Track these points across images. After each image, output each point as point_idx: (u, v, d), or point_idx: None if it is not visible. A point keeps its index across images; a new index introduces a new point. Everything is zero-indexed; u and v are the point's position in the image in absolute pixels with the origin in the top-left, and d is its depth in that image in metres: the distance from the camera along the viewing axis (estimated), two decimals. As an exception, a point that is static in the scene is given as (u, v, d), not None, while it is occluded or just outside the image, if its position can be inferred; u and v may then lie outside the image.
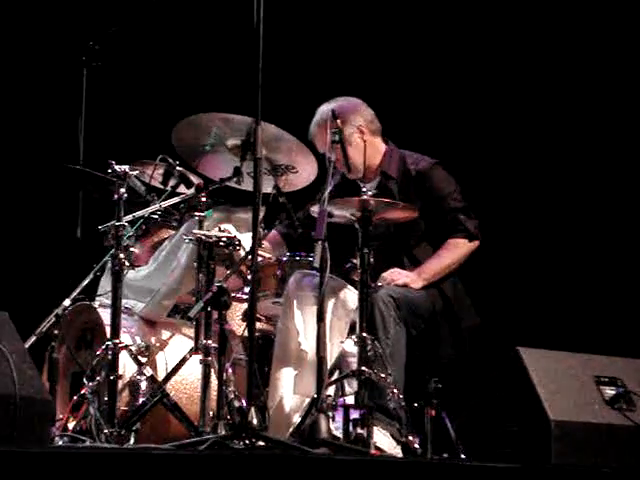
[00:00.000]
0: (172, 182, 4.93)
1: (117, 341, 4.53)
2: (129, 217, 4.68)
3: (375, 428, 4.39)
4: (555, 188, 6.15)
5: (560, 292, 6.02)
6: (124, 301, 4.68)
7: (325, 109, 5.05)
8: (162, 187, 4.97)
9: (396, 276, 4.93)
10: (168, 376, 4.66)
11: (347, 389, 4.65)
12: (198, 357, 4.55)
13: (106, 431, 4.39)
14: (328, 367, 4.49)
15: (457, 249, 5.01)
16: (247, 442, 3.91)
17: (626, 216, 6.02)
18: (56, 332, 4.72)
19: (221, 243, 4.61)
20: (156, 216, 5.13)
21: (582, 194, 6.11)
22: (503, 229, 5.85)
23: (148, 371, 4.67)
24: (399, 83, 6.19)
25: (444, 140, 5.83)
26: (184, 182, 4.88)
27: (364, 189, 4.57)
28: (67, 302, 4.77)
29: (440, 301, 4.98)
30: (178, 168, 4.90)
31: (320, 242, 4.32)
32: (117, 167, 4.63)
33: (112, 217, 4.61)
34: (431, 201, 5.04)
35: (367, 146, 5.03)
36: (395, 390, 4.45)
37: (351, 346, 4.57)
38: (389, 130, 5.23)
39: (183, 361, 4.64)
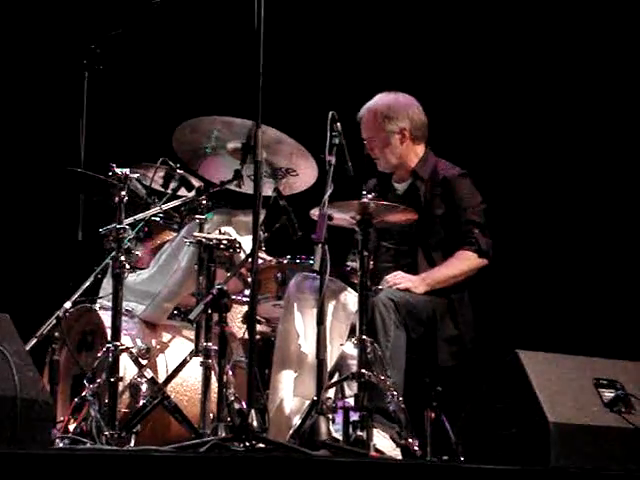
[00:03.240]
0: (173, 185, 4.94)
1: (118, 343, 4.54)
2: (130, 220, 4.69)
3: (375, 430, 4.41)
4: (552, 192, 6.15)
5: (559, 295, 6.02)
6: (125, 303, 4.69)
7: (379, 102, 5.18)
8: (163, 190, 4.99)
9: (399, 280, 4.94)
10: (169, 378, 4.67)
11: (347, 391, 4.66)
12: (198, 359, 4.57)
13: (107, 433, 4.40)
14: (328, 369, 4.50)
15: (465, 261, 5.03)
16: (247, 444, 3.92)
17: (623, 219, 6.02)
18: (57, 334, 4.73)
19: (221, 246, 4.63)
20: (157, 219, 5.14)
21: (579, 198, 6.11)
22: (502, 232, 5.85)
23: (149, 373, 4.68)
24: (401, 87, 6.18)
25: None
26: (185, 185, 4.89)
27: (365, 192, 4.60)
28: (68, 304, 4.77)
29: (445, 309, 4.98)
30: (179, 171, 4.92)
31: (320, 245, 4.33)
32: (118, 170, 4.64)
33: (113, 220, 4.62)
34: (452, 209, 5.07)
35: (404, 149, 5.16)
36: (395, 392, 4.46)
37: (351, 349, 4.58)
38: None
39: (183, 363, 4.65)
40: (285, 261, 4.91)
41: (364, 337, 4.45)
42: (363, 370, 4.42)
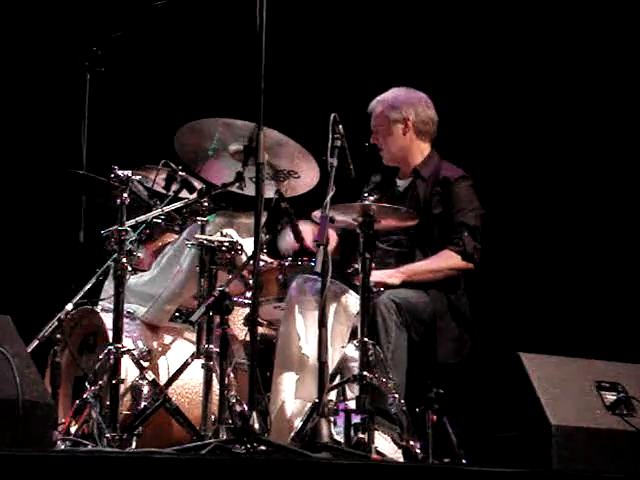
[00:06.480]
0: (175, 187, 4.94)
1: (119, 345, 4.54)
2: (132, 222, 4.70)
3: (376, 433, 4.41)
4: (554, 193, 6.16)
5: (561, 297, 6.03)
6: (126, 305, 4.69)
7: (389, 93, 5.29)
8: (165, 192, 4.98)
9: (373, 279, 4.89)
10: (170, 380, 4.68)
11: (348, 394, 4.65)
12: (200, 361, 4.57)
13: (108, 435, 4.40)
14: (329, 372, 4.49)
15: (447, 259, 5.02)
16: (248, 446, 3.91)
17: (624, 221, 6.03)
18: (58, 336, 4.72)
19: (223, 248, 4.63)
20: (159, 221, 5.14)
21: (581, 199, 6.11)
22: (504, 234, 5.86)
23: (150, 375, 4.68)
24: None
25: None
26: (186, 187, 4.89)
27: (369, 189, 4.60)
28: (70, 306, 4.78)
29: (445, 308, 4.98)
30: (181, 173, 4.91)
31: (322, 247, 4.33)
32: (120, 172, 4.65)
33: (115, 222, 4.62)
34: (447, 209, 5.07)
35: (407, 141, 5.19)
36: (396, 395, 4.46)
37: (352, 351, 4.57)
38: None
39: (185, 365, 4.65)
40: (287, 263, 4.91)
41: (366, 339, 4.45)
42: (364, 372, 4.41)
